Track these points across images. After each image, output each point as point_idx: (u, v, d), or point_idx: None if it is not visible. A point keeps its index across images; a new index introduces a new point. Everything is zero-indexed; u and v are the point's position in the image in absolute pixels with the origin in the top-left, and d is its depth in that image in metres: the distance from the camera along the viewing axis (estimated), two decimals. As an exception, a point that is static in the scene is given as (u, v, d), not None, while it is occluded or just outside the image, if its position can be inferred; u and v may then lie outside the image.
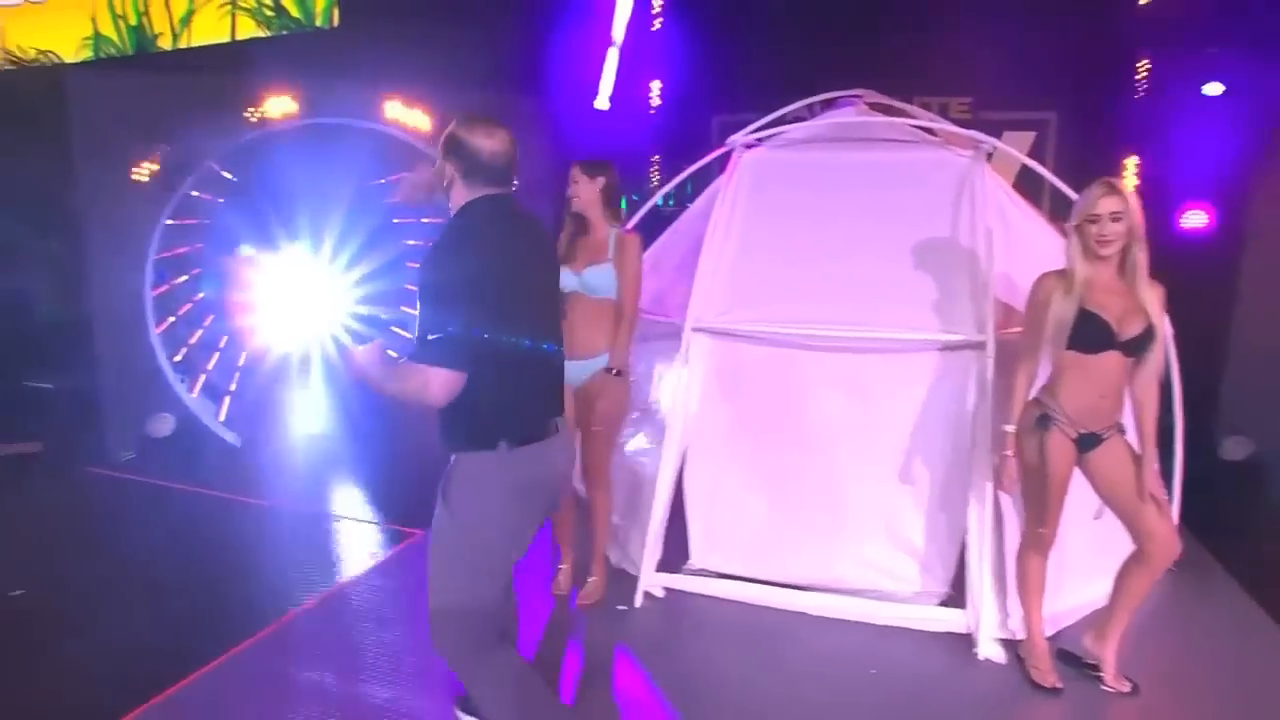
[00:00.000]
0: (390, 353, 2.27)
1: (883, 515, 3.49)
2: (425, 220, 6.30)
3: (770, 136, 4.26)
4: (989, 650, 3.21)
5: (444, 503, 2.20)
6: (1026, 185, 4.53)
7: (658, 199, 4.47)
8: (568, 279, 3.42)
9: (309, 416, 6.54)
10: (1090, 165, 4.50)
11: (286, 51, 7.02)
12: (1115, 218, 2.78)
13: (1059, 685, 3.00)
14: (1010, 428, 2.99)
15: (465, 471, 2.18)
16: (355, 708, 2.92)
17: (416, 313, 2.08)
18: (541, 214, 6.38)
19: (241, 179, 6.22)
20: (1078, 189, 2.95)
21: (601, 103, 7.57)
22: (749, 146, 4.19)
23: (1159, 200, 5.17)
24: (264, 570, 4.05)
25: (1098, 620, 3.06)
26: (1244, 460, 5.24)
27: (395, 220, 6.27)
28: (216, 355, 6.68)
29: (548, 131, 6.46)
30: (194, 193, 5.78)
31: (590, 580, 3.66)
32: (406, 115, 5.72)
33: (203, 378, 6.36)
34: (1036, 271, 3.01)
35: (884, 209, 3.76)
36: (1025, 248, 3.63)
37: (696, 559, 3.73)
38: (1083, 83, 5.97)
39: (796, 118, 4.47)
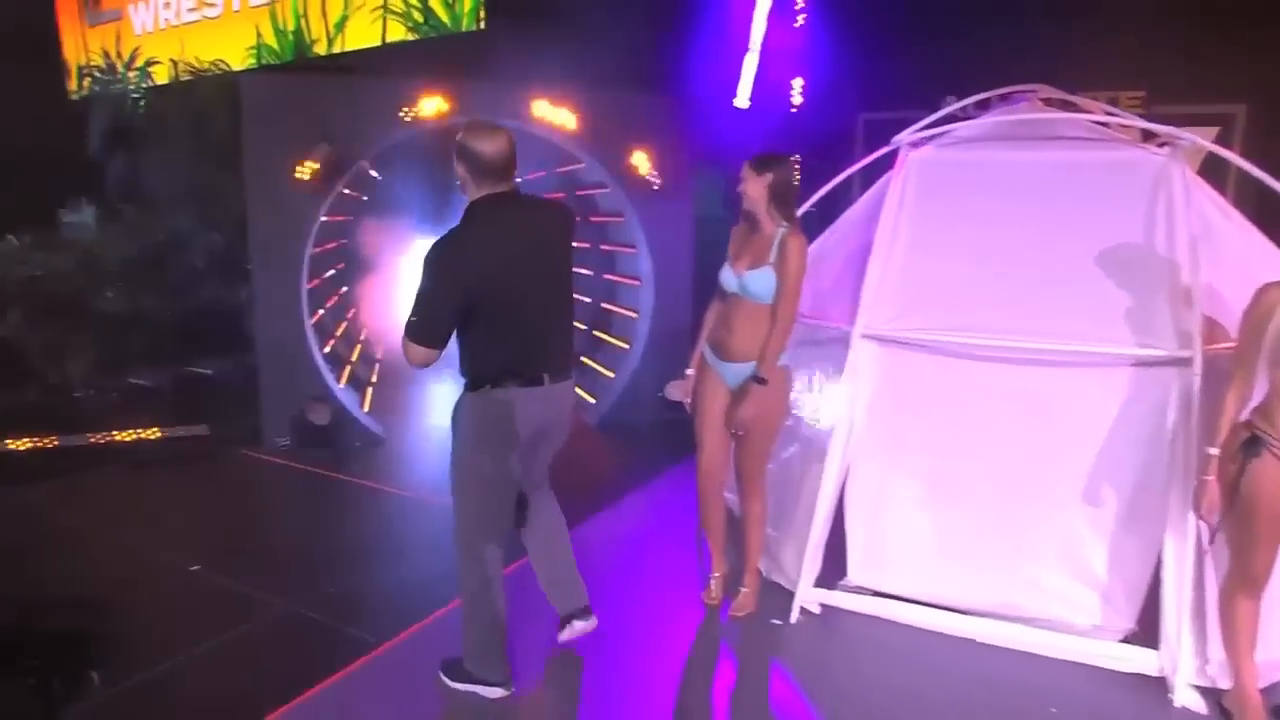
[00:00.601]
0: None
1: (1063, 540, 3.26)
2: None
3: (937, 135, 4.05)
4: (1186, 698, 2.94)
5: (453, 424, 2.84)
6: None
7: (812, 202, 4.31)
8: (729, 279, 3.35)
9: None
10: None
11: (435, 53, 7.25)
12: None
13: (1278, 743, 2.72)
14: (1214, 451, 2.72)
15: (460, 406, 2.83)
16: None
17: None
18: (677, 213, 6.33)
19: (392, 178, 6.45)
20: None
21: (741, 101, 7.48)
22: (915, 145, 4.00)
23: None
24: (415, 561, 4.14)
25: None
26: None
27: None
28: (359, 347, 6.99)
29: (687, 131, 6.41)
30: (347, 191, 6.00)
31: (742, 591, 3.57)
32: (553, 114, 5.76)
33: (348, 369, 6.64)
34: (1243, 282, 2.73)
35: (1068, 212, 3.51)
36: (1230, 256, 3.32)
37: (854, 575, 3.58)
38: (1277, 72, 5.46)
39: (960, 116, 4.24)
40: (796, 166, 7.36)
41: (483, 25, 7.19)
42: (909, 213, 3.77)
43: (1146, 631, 3.14)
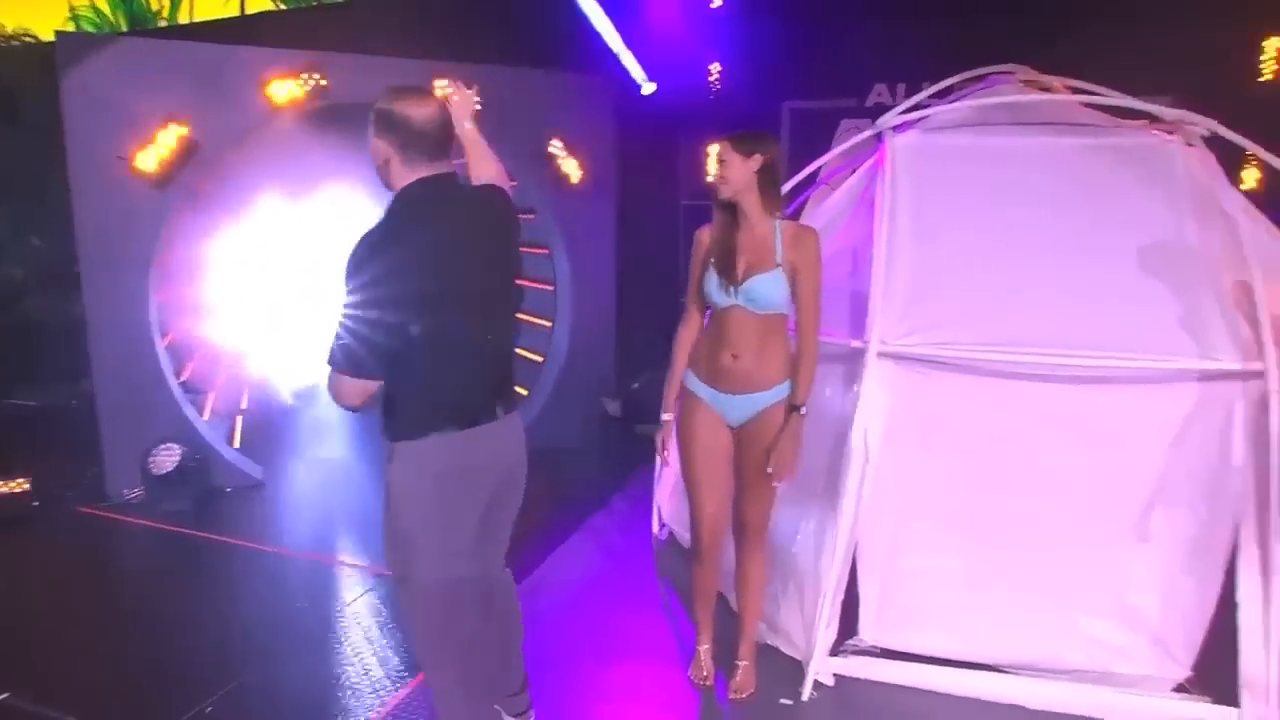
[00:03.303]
0: None
1: (1111, 582, 2.83)
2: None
3: (918, 120, 3.58)
4: (1270, 757, 2.57)
5: (386, 491, 2.21)
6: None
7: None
8: (718, 291, 2.71)
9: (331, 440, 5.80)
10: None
11: (305, 26, 6.24)
12: None
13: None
14: None
15: (402, 459, 2.17)
16: None
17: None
18: (599, 209, 5.68)
19: (258, 167, 5.44)
20: None
21: (647, 87, 6.86)
22: (897, 130, 3.51)
23: None
24: (312, 649, 3.29)
25: None
26: None
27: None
28: (224, 372, 5.92)
29: (607, 116, 5.75)
30: (202, 184, 4.98)
31: (741, 666, 2.96)
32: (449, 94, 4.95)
33: (211, 397, 5.58)
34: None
35: (1087, 203, 3.10)
36: (1269, 256, 2.98)
37: (867, 634, 3.04)
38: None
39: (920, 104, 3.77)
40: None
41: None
42: (905, 206, 3.25)
43: (1202, 680, 2.77)
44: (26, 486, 4.65)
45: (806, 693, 2.90)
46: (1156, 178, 3.11)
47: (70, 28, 7.33)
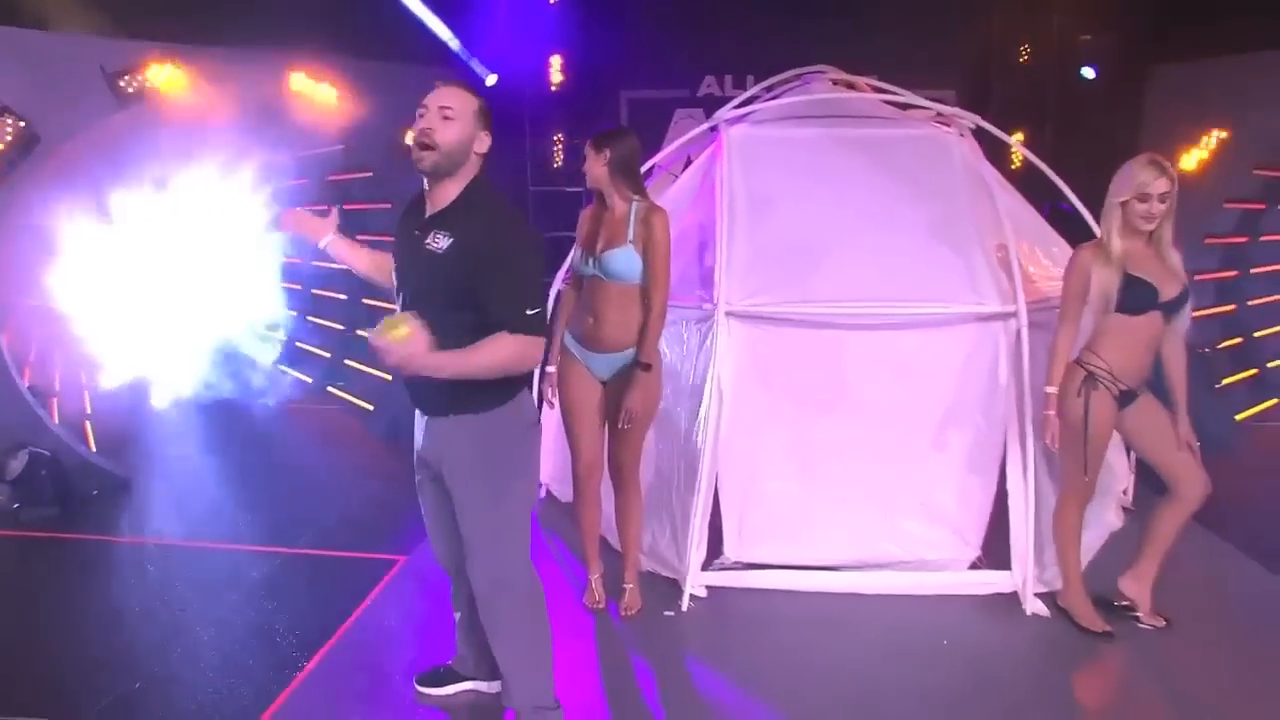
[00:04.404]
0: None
1: (919, 488, 3.53)
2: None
3: (747, 114, 4.16)
4: (1035, 605, 3.34)
5: (486, 467, 2.30)
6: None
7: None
8: (581, 263, 3.18)
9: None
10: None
11: (157, 10, 6.03)
12: (1163, 198, 2.93)
13: (1109, 629, 3.17)
14: (1052, 389, 3.09)
15: (500, 426, 2.31)
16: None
17: (496, 286, 2.15)
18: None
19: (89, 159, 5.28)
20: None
21: (490, 79, 7.15)
22: (730, 123, 4.07)
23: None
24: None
25: (1132, 563, 3.26)
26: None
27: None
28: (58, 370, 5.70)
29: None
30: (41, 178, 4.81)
31: (628, 588, 3.44)
32: (313, 89, 5.08)
33: (55, 401, 5.39)
34: (1030, 244, 3.07)
35: (885, 182, 3.78)
36: (1019, 221, 3.78)
37: (731, 552, 3.60)
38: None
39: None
40: (559, 146, 7.29)
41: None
42: (740, 189, 3.82)
43: (988, 556, 3.53)
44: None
45: (685, 604, 3.42)
46: (938, 161, 3.85)
47: None
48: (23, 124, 4.39)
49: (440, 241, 2.19)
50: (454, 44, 6.41)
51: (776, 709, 2.82)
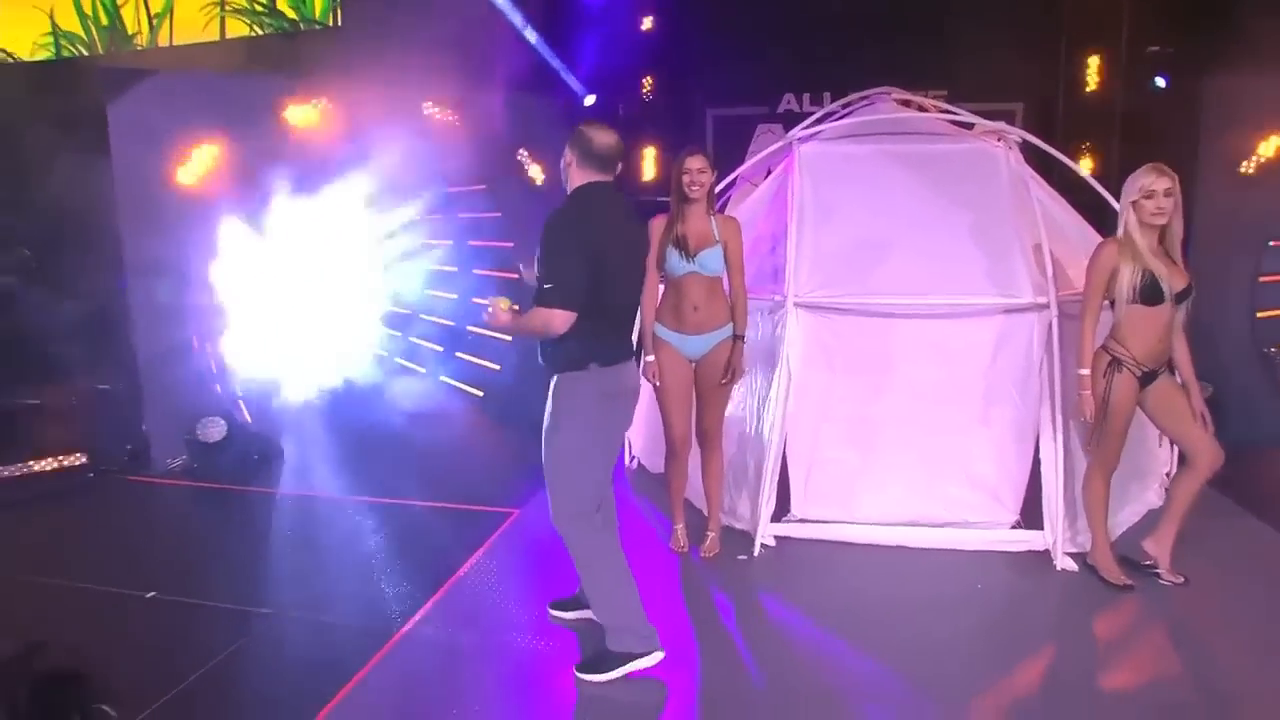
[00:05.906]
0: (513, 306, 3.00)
1: (962, 458, 4.05)
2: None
3: (817, 132, 4.75)
4: (1065, 562, 3.82)
5: (550, 415, 2.97)
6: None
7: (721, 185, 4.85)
8: (678, 262, 3.78)
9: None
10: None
11: (282, 51, 7.02)
12: (1168, 194, 3.39)
13: (1130, 583, 3.63)
14: (1085, 371, 3.57)
15: (565, 387, 2.94)
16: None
17: (537, 270, 2.85)
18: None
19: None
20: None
21: (589, 99, 7.89)
22: (802, 141, 4.66)
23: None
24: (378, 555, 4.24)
25: (1154, 526, 3.70)
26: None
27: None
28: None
29: (554, 124, 6.73)
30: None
31: (710, 536, 4.07)
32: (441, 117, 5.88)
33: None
34: (1068, 243, 3.52)
35: (937, 192, 4.31)
36: (1059, 224, 4.26)
37: (797, 509, 4.19)
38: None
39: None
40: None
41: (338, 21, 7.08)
42: (809, 199, 4.41)
43: (1026, 520, 4.01)
44: (84, 460, 5.43)
45: (757, 550, 4.03)
46: (984, 172, 4.36)
47: (49, 48, 7.86)
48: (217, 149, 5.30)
49: None
50: (564, 72, 7.17)
51: (833, 635, 3.39)
